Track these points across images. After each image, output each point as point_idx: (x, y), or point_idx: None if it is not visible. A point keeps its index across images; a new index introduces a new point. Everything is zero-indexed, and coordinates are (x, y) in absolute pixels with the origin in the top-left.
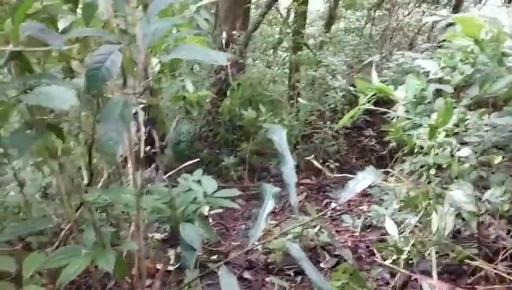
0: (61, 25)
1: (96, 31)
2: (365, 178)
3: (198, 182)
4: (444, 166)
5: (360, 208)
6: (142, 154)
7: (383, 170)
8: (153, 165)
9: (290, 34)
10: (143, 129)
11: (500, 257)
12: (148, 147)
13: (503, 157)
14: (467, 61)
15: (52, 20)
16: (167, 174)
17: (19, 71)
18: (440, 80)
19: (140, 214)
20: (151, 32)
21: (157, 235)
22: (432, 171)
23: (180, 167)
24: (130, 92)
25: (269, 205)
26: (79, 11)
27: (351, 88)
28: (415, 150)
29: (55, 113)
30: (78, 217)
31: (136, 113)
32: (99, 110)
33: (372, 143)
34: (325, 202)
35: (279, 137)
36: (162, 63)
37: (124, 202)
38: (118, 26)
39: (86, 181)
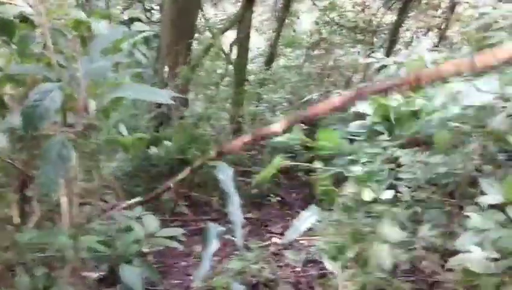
0: None
1: (35, 68)
2: (309, 217)
3: (138, 218)
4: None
5: (301, 242)
6: (77, 192)
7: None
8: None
9: (233, 70)
10: (77, 167)
11: None
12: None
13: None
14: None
15: None
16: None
17: None
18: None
19: (77, 256)
20: (93, 69)
21: (93, 275)
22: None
23: (124, 205)
24: (69, 130)
25: (214, 244)
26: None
27: None
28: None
29: None
30: (7, 258)
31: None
32: (34, 146)
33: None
34: (267, 236)
35: (226, 176)
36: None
37: (58, 244)
38: (57, 62)
39: (16, 220)
